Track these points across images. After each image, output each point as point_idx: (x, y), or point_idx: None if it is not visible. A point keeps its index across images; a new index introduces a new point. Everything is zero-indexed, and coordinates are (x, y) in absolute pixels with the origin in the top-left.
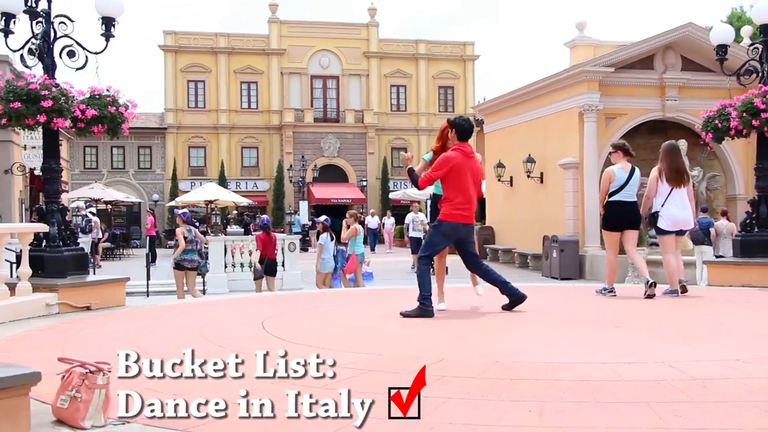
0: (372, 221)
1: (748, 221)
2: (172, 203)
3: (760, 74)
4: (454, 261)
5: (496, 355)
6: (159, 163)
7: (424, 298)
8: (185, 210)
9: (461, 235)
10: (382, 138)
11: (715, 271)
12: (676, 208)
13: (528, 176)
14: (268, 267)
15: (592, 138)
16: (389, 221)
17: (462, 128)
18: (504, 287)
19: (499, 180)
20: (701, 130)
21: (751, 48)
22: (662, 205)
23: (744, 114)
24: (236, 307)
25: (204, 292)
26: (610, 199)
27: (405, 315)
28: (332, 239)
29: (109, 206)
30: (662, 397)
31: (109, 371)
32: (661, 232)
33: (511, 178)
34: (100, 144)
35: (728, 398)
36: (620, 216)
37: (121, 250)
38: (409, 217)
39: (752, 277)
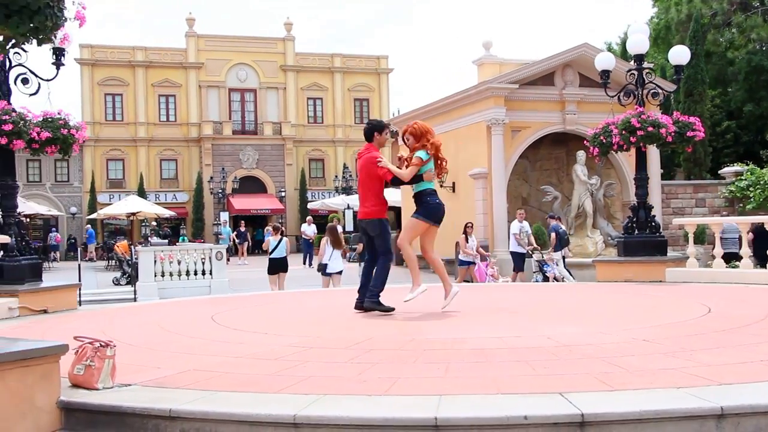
0: (308, 230)
1: (629, 224)
2: (94, 216)
3: (636, 96)
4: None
5: (413, 334)
6: (76, 176)
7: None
8: None
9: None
10: (300, 149)
11: (602, 268)
12: (334, 262)
13: (441, 186)
14: None
15: (499, 149)
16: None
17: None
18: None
19: None
20: (589, 145)
21: (629, 73)
22: (329, 259)
23: (623, 132)
24: (183, 308)
25: (135, 299)
26: None
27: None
28: None
29: (27, 219)
30: (537, 357)
31: (115, 346)
32: (327, 274)
33: None
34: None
35: (585, 356)
36: None
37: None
38: (515, 226)
39: (633, 273)
